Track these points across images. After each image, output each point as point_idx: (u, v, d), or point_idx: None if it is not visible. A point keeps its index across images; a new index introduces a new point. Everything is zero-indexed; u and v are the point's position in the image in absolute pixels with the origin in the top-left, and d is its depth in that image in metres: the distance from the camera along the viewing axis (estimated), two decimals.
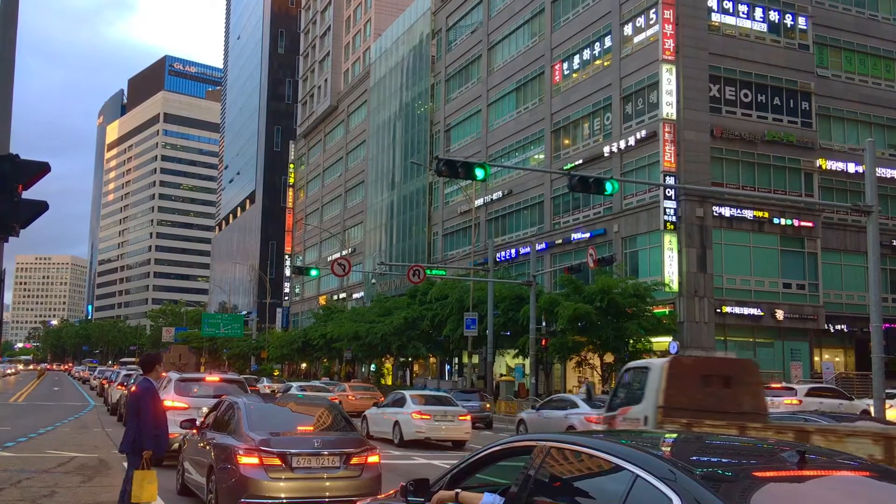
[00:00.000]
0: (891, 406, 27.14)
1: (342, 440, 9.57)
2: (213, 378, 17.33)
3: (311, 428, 10.08)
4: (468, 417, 21.82)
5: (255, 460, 8.87)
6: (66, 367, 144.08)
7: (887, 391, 29.38)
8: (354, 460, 9.25)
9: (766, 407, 14.50)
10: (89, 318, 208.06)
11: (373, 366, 61.16)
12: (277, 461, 8.88)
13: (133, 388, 8.98)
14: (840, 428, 11.14)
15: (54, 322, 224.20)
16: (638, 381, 14.18)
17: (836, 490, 3.62)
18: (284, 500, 8.89)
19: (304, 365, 73.89)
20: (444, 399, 22.67)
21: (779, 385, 30.39)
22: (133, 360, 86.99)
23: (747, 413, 12.87)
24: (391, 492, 5.63)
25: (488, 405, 30.99)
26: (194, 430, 11.06)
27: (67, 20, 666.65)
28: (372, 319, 51.27)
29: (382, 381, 56.56)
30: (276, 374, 70.68)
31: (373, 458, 9.47)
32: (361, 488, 9.05)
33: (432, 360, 56.57)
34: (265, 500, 8.82)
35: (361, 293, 72.88)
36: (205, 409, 13.63)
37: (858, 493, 3.61)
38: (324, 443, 9.33)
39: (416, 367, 58.82)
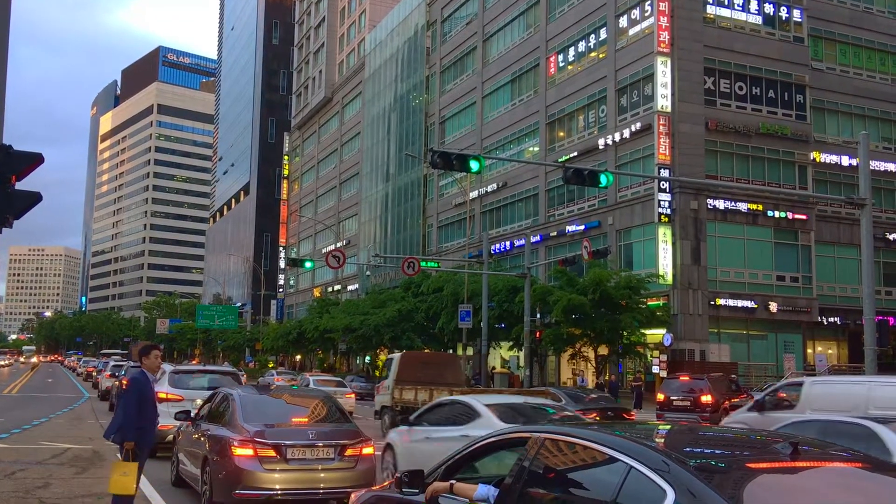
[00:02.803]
0: None
1: (337, 432, 9.56)
2: (206, 370, 18.12)
3: (306, 419, 10.08)
4: (353, 395, 29.85)
5: (249, 452, 8.86)
6: (54, 357, 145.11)
7: None
8: (349, 452, 9.25)
9: (462, 380, 25.28)
10: (83, 309, 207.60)
11: (367, 357, 61.19)
12: (272, 453, 8.88)
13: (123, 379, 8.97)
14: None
15: (48, 313, 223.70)
16: (389, 365, 24.06)
17: (829, 481, 3.64)
18: (279, 492, 8.87)
19: (298, 357, 73.91)
20: (337, 382, 31.37)
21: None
22: (115, 352, 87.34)
23: (450, 384, 21.25)
24: (385, 483, 5.64)
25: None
26: (189, 422, 11.04)
27: (64, 8, 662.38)
28: (366, 311, 51.29)
29: (377, 373, 56.56)
30: (270, 365, 70.69)
31: (367, 450, 9.48)
32: (356, 479, 9.07)
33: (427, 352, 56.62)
34: (260, 492, 8.79)
35: (356, 285, 72.87)
36: (199, 401, 13.93)
37: (851, 484, 3.64)
38: (318, 434, 9.33)
39: None
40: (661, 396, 26.50)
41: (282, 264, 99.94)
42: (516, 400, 12.40)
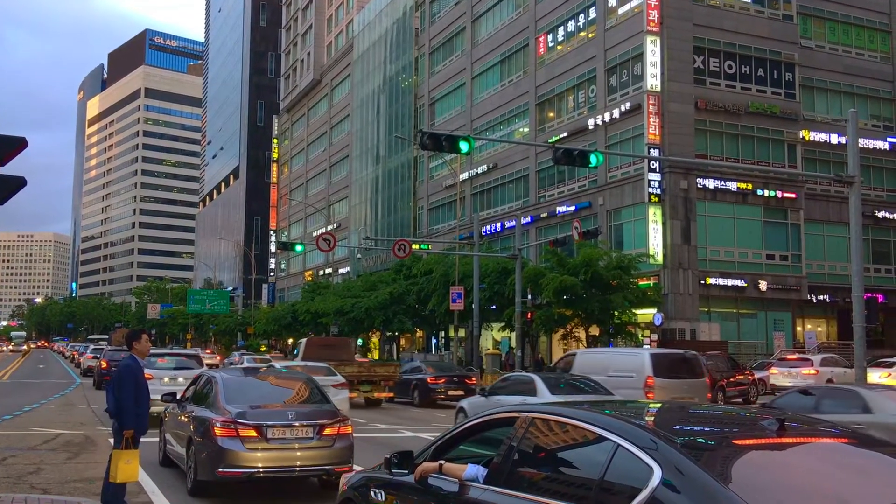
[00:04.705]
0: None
1: (315, 412, 9.93)
2: (172, 353, 23.23)
3: (287, 401, 10.47)
4: None
5: (232, 432, 9.25)
6: (41, 343, 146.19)
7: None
8: (327, 431, 9.62)
9: (353, 358, 29.99)
10: (74, 295, 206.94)
11: (360, 340, 61.26)
12: (253, 433, 9.26)
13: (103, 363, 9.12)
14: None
15: (38, 300, 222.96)
16: (298, 347, 30.44)
17: (816, 457, 3.66)
18: (261, 470, 9.27)
19: (290, 340, 73.88)
20: (264, 361, 34.75)
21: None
22: (102, 337, 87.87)
23: (343, 360, 26.09)
24: (374, 466, 5.65)
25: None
26: (175, 404, 11.40)
27: None
28: (358, 294, 51.27)
29: (369, 356, 56.72)
30: (262, 349, 70.75)
31: (345, 429, 9.85)
32: (333, 457, 9.54)
33: (419, 334, 56.73)
34: (242, 470, 9.20)
35: (347, 268, 72.79)
36: (166, 379, 18.19)
37: (838, 459, 3.66)
38: (297, 415, 9.71)
39: (402, 342, 58.97)
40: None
41: (272, 248, 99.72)
42: (314, 364, 20.47)
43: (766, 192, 40.14)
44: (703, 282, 38.57)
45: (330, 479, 9.93)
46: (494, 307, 39.89)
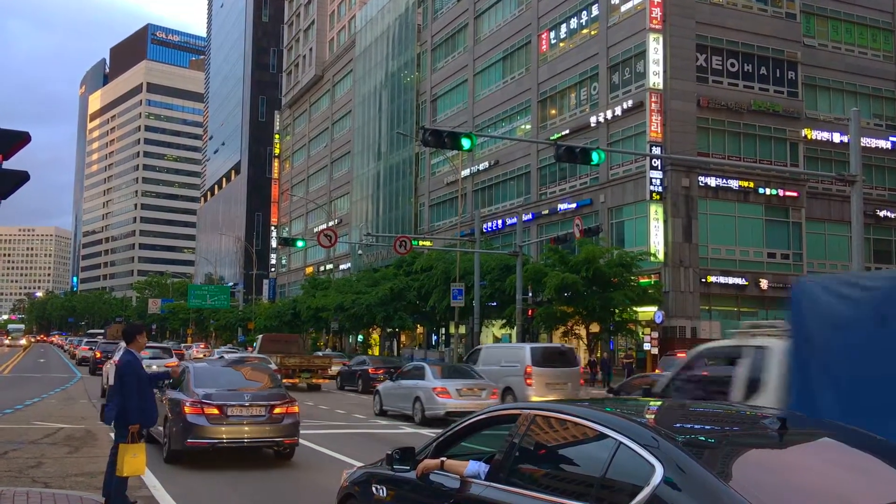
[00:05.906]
0: None
1: (268, 395, 12.14)
2: (149, 346, 26.01)
3: (246, 385, 12.60)
4: None
5: (198, 410, 11.41)
6: (42, 337, 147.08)
7: None
8: (277, 410, 11.81)
9: (303, 350, 36.26)
10: (75, 289, 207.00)
11: (360, 336, 61.30)
12: (216, 411, 11.46)
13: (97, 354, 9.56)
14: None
15: (39, 294, 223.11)
16: (254, 341, 39.70)
17: (817, 455, 3.67)
18: (224, 441, 11.46)
19: None
20: (231, 352, 39.34)
21: None
22: (98, 331, 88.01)
23: (294, 353, 31.97)
24: (376, 461, 5.67)
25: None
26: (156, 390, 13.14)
27: None
28: (359, 290, 51.27)
29: (370, 352, 56.75)
30: None
31: (293, 409, 12.03)
32: (282, 432, 11.76)
33: (419, 330, 56.74)
34: (207, 440, 11.37)
35: (348, 264, 72.81)
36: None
37: (838, 459, 3.66)
38: (253, 397, 11.91)
39: (403, 338, 59.00)
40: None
41: (273, 244, 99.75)
42: (254, 355, 25.40)
43: (768, 191, 40.10)
44: (703, 280, 38.55)
45: (281, 450, 12.20)
46: (495, 304, 39.89)
